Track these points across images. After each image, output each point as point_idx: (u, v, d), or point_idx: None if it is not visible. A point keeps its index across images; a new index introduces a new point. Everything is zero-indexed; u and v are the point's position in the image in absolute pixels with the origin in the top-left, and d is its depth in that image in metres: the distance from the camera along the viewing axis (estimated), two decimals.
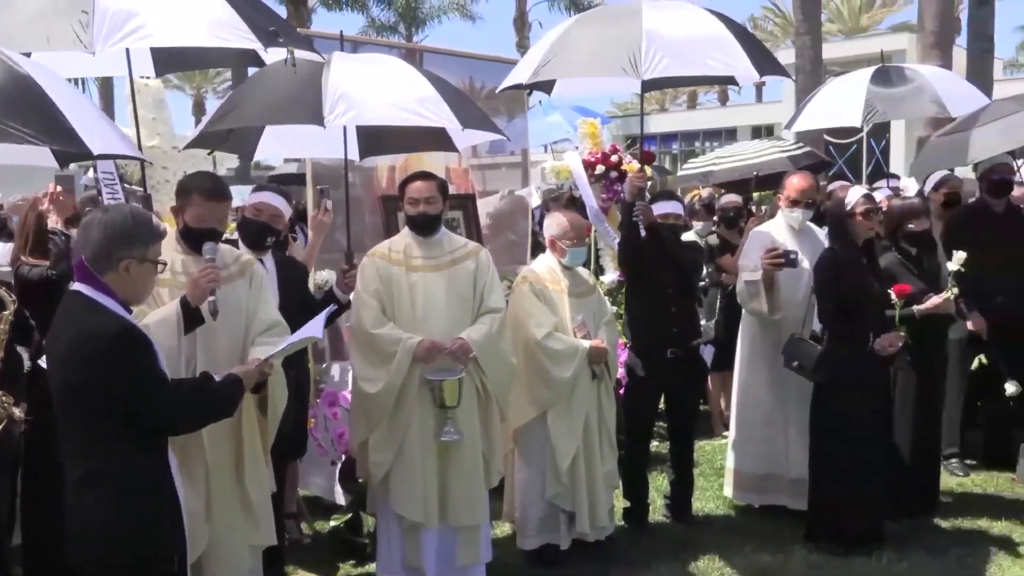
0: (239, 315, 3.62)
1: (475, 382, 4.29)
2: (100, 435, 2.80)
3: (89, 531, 2.82)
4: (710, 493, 5.82)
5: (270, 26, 4.31)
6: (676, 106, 48.20)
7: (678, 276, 5.19)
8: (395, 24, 29.24)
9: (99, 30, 3.90)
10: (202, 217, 3.57)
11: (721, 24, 5.06)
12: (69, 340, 2.79)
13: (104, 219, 2.87)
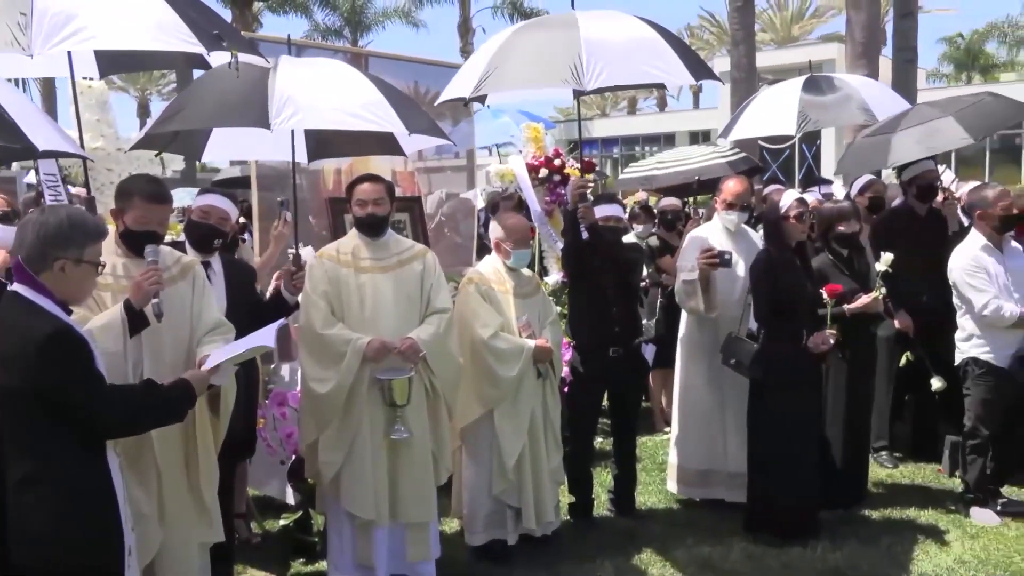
0: (183, 317, 3.58)
1: (424, 381, 4.30)
2: (37, 437, 2.76)
3: (28, 534, 2.78)
4: (653, 487, 5.90)
5: (213, 29, 4.25)
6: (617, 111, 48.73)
7: (618, 277, 5.25)
8: (340, 28, 29.06)
9: (38, 32, 3.80)
10: (143, 220, 3.52)
11: (654, 32, 5.13)
12: (5, 342, 2.75)
13: (39, 220, 2.84)
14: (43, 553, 2.77)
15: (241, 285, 4.42)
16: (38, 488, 2.76)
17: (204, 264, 4.25)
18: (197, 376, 3.14)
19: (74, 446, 2.78)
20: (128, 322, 3.29)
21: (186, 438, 3.52)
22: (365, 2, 29.16)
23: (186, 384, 3.08)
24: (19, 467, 2.78)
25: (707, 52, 38.79)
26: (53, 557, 2.77)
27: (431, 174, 7.58)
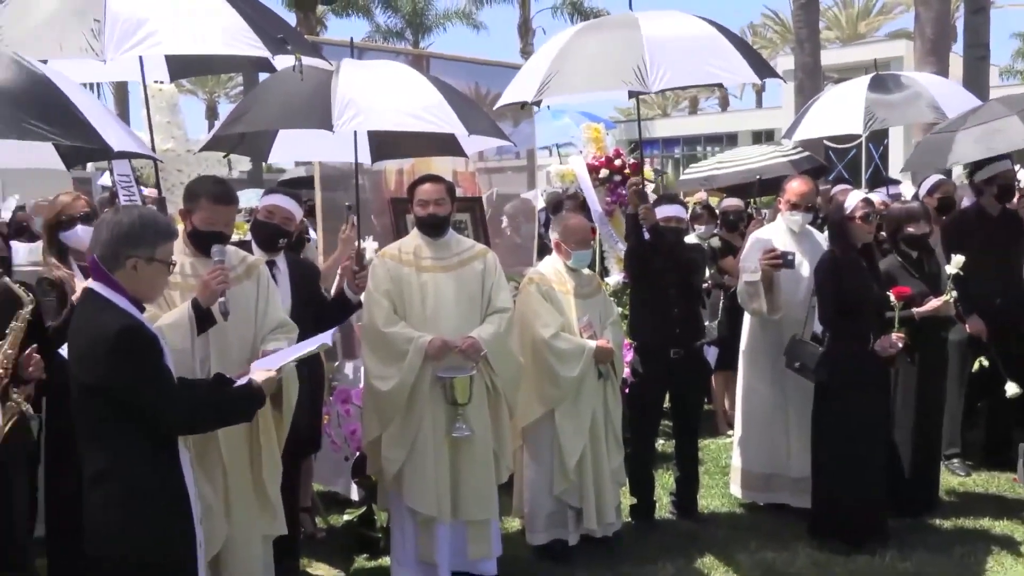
0: (249, 315, 3.65)
1: (485, 380, 4.31)
2: (109, 434, 2.82)
3: (100, 528, 2.85)
4: (715, 491, 5.82)
5: (278, 34, 4.32)
6: (678, 111, 48.26)
7: (680, 278, 5.20)
8: (401, 30, 29.29)
9: (110, 38, 3.90)
10: (210, 220, 3.59)
11: (716, 30, 5.07)
12: (79, 338, 2.83)
13: (113, 219, 2.91)
14: (115, 548, 2.83)
15: (305, 284, 4.48)
16: (110, 484, 2.82)
17: (270, 263, 4.32)
18: (267, 379, 3.15)
19: (144, 443, 2.84)
20: (196, 320, 3.36)
21: (251, 434, 3.57)
22: (426, 4, 29.38)
23: (256, 387, 3.10)
24: (92, 463, 2.85)
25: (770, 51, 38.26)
26: (125, 552, 2.83)
27: (492, 174, 7.59)
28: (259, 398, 3.11)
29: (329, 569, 4.74)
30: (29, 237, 6.83)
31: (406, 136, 4.86)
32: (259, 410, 3.45)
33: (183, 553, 2.93)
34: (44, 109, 2.95)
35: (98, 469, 2.83)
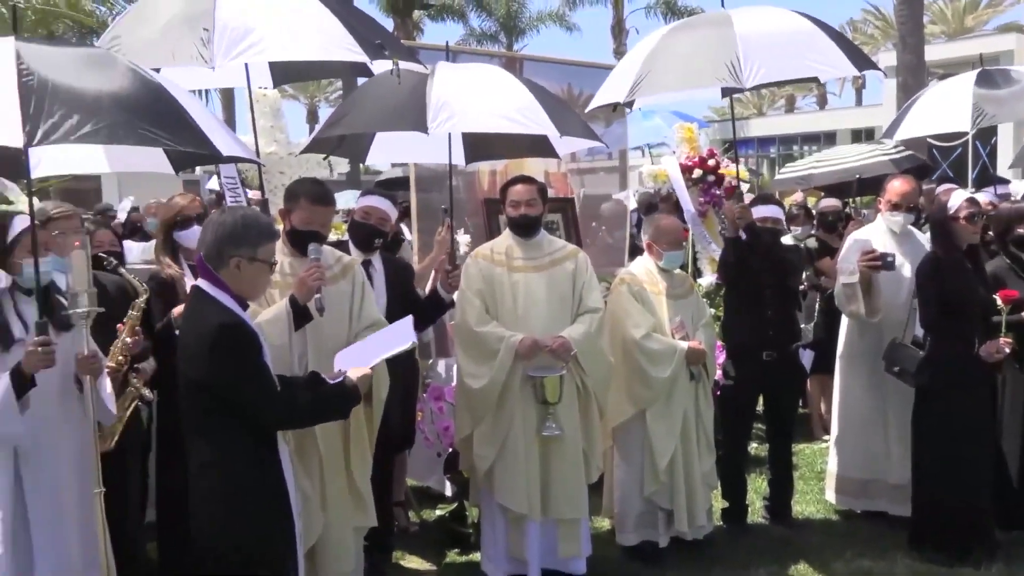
0: (343, 313, 3.75)
1: (575, 379, 4.31)
2: (212, 427, 2.92)
3: (204, 519, 2.96)
4: (810, 496, 5.68)
5: (376, 39, 4.40)
6: (774, 110, 47.21)
7: (776, 279, 5.10)
8: (495, 33, 29.45)
9: (219, 46, 4.05)
10: (308, 220, 3.70)
11: (812, 24, 4.95)
12: (186, 334, 2.96)
13: (217, 220, 3.02)
14: (218, 538, 2.94)
15: (400, 283, 4.56)
16: (213, 477, 2.92)
17: (366, 263, 4.43)
18: (362, 376, 3.21)
19: (245, 438, 2.93)
20: (293, 317, 3.45)
21: (344, 427, 3.67)
22: (520, 7, 29.48)
23: (352, 384, 3.16)
24: (198, 455, 2.96)
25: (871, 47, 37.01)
26: (227, 543, 2.93)
27: (583, 175, 7.57)
28: (354, 396, 3.18)
29: (421, 562, 4.82)
30: (142, 236, 7.16)
31: (499, 138, 4.90)
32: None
33: (281, 545, 3.02)
34: (159, 116, 3.08)
35: (203, 462, 2.94)
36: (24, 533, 3.27)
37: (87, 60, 3.19)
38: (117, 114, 2.96)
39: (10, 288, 3.34)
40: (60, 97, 2.87)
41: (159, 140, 3.11)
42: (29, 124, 2.76)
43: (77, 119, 2.83)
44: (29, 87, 2.84)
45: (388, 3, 24.68)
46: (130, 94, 3.06)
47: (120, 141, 3.06)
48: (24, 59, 2.92)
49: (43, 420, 3.27)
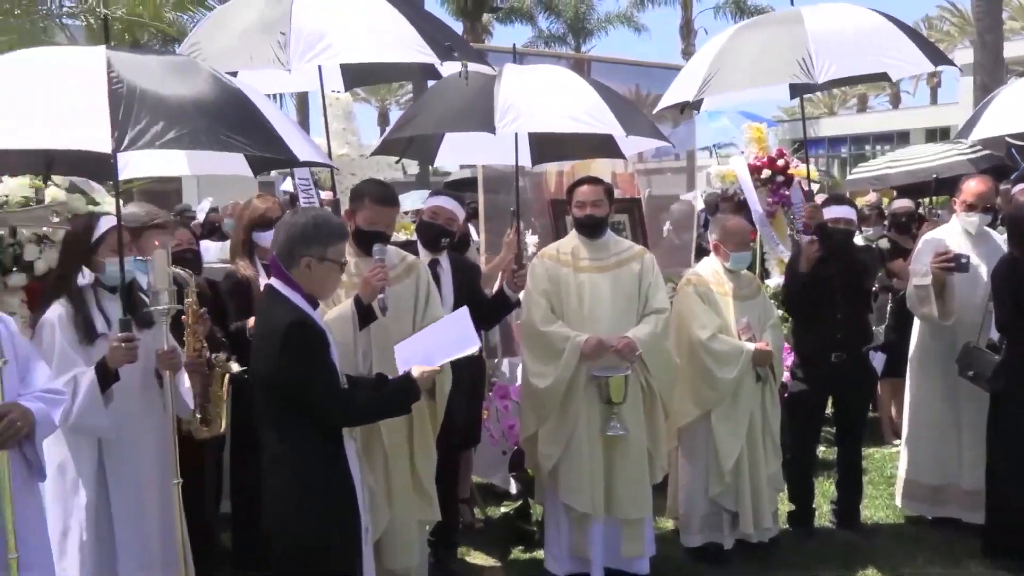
0: (407, 312, 3.79)
1: (640, 380, 4.28)
2: (283, 423, 2.98)
3: (275, 512, 3.02)
4: (879, 502, 5.55)
5: (446, 41, 4.44)
6: (845, 109, 46.12)
7: (847, 280, 4.99)
8: (564, 35, 29.42)
9: (295, 49, 4.13)
10: (372, 220, 3.74)
11: (884, 19, 4.84)
12: (258, 331, 3.04)
13: (289, 221, 3.08)
14: (288, 531, 3.00)
15: (467, 283, 4.59)
16: (284, 471, 2.99)
17: (433, 262, 4.47)
18: (424, 373, 3.22)
19: (314, 434, 2.98)
20: (357, 316, 3.50)
21: (408, 422, 3.71)
22: (588, 8, 29.41)
23: (411, 381, 3.18)
24: (269, 450, 3.02)
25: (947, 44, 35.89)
26: (296, 536, 2.99)
27: (651, 176, 7.52)
28: (415, 392, 3.19)
29: (486, 558, 4.84)
30: (220, 237, 7.35)
31: (566, 139, 4.90)
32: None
33: (349, 539, 3.07)
34: (239, 122, 3.15)
35: (274, 456, 3.01)
36: (107, 521, 3.39)
37: (172, 67, 3.28)
38: (199, 120, 3.04)
39: (93, 285, 3.46)
40: (147, 104, 2.95)
41: (239, 145, 3.18)
42: (117, 130, 2.84)
43: (162, 125, 2.90)
44: (118, 94, 2.92)
45: (458, 7, 24.87)
46: (212, 100, 3.14)
47: (202, 146, 3.14)
48: (114, 67, 3.01)
49: (125, 413, 3.38)
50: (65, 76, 3.05)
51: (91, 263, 3.46)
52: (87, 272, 3.46)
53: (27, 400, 2.81)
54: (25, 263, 4.06)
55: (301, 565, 3.01)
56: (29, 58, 3.26)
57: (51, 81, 3.03)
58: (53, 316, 3.36)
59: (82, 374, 3.24)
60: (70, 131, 2.90)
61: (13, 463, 2.75)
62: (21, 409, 2.74)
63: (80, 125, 2.88)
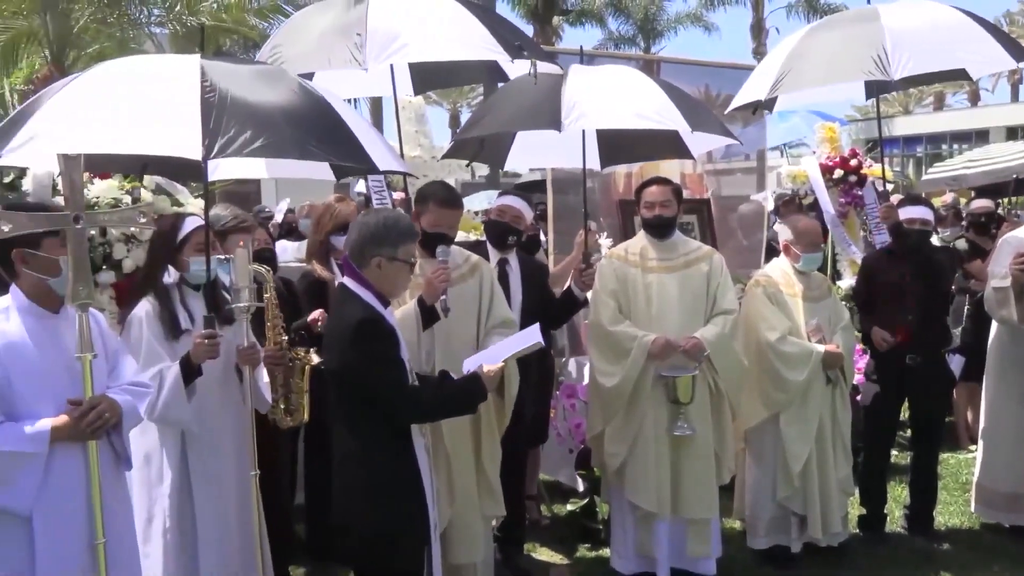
0: (471, 311, 3.80)
1: (708, 380, 4.23)
2: (356, 419, 3.03)
3: (346, 504, 3.07)
4: (954, 508, 5.38)
5: (516, 41, 4.45)
6: (921, 108, 44.73)
7: (922, 281, 4.85)
8: (633, 36, 29.20)
9: (371, 49, 4.21)
10: (437, 223, 3.76)
11: (963, 15, 4.69)
12: (332, 328, 3.08)
13: (362, 221, 3.13)
14: (357, 523, 3.05)
15: (535, 282, 4.59)
16: (355, 465, 3.03)
17: (502, 261, 4.49)
18: (491, 372, 3.23)
19: (384, 430, 3.03)
20: (421, 316, 3.53)
21: (476, 420, 3.75)
22: (658, 9, 29.13)
23: (478, 381, 3.19)
24: (341, 444, 3.08)
25: None
26: (365, 528, 3.04)
27: (720, 176, 7.40)
28: (482, 392, 3.20)
29: (552, 554, 4.84)
30: (296, 237, 7.49)
31: (634, 140, 4.86)
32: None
33: (417, 532, 3.10)
34: (324, 131, 3.20)
35: (345, 451, 3.06)
36: (189, 509, 3.48)
37: (261, 76, 3.35)
38: (286, 129, 3.09)
39: (177, 283, 3.57)
40: (236, 113, 3.01)
41: (324, 155, 3.25)
42: (208, 138, 2.91)
43: (250, 134, 2.96)
44: (210, 103, 2.99)
45: (528, 10, 24.89)
46: (298, 109, 3.19)
47: (288, 155, 3.20)
48: (207, 76, 3.08)
49: (206, 407, 3.47)
50: (161, 84, 3.12)
51: (176, 262, 3.55)
52: (172, 270, 3.56)
53: (115, 393, 2.92)
54: (114, 261, 4.21)
55: (370, 557, 3.06)
56: (127, 66, 3.35)
57: (148, 89, 3.11)
58: (141, 312, 3.47)
59: (167, 368, 3.34)
60: (164, 138, 2.99)
61: (102, 453, 2.86)
62: (109, 401, 2.84)
63: (173, 132, 2.96)
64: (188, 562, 3.48)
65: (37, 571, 2.73)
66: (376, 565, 3.07)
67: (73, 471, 2.79)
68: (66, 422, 2.75)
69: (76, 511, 2.80)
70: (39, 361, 2.78)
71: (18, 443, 2.69)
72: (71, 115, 3.04)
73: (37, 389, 2.77)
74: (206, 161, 3.00)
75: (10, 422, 2.71)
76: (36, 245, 2.80)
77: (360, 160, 3.29)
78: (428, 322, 3.57)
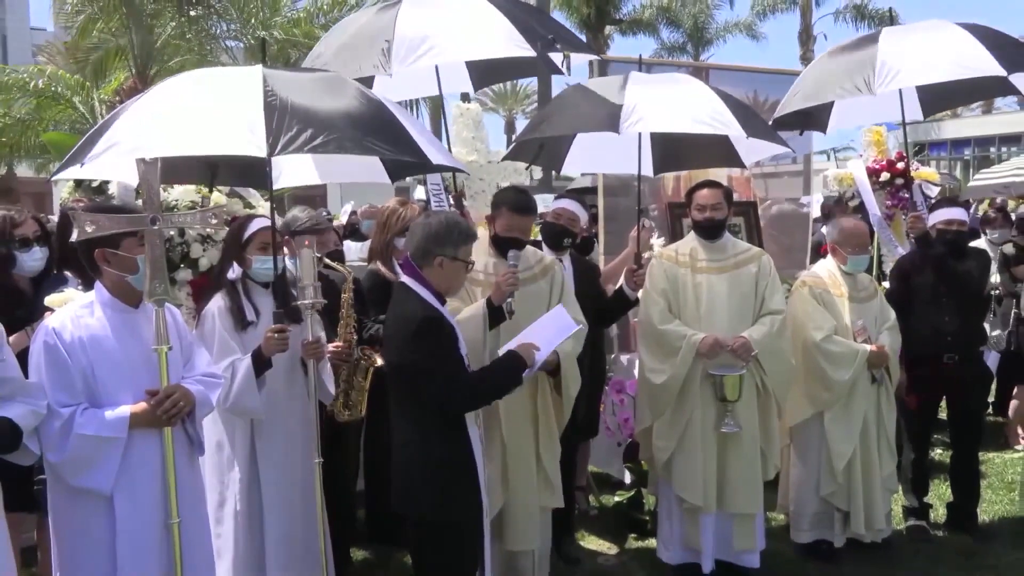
0: (540, 311, 3.74)
1: (755, 379, 4.16)
2: (414, 408, 3.04)
3: (404, 490, 3.09)
4: (999, 507, 5.21)
5: (549, 34, 4.40)
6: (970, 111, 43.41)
7: (954, 286, 4.72)
8: (683, 44, 28.92)
9: (397, 54, 4.22)
10: (509, 227, 3.76)
11: (964, 31, 4.65)
12: (390, 324, 3.09)
13: (425, 222, 3.14)
14: (415, 508, 3.08)
15: (587, 281, 4.56)
16: (412, 452, 3.05)
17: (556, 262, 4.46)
18: (524, 348, 3.19)
19: (440, 418, 3.04)
20: (488, 316, 3.53)
21: (534, 417, 3.76)
22: (707, 18, 28.80)
23: (514, 354, 3.16)
24: (400, 432, 3.10)
25: None
26: (423, 512, 3.07)
27: (767, 179, 7.27)
28: (520, 363, 3.14)
29: (600, 543, 4.81)
30: (359, 237, 7.56)
31: (688, 148, 4.82)
32: (541, 397, 3.60)
33: (469, 516, 3.11)
34: (380, 129, 3.25)
35: (403, 439, 3.08)
36: (257, 494, 3.54)
37: (321, 82, 3.42)
38: (345, 128, 3.14)
39: (241, 279, 3.62)
40: (297, 114, 3.08)
41: (379, 150, 3.29)
42: (271, 137, 2.98)
43: (311, 132, 3.03)
44: (272, 106, 3.07)
45: (581, 19, 24.81)
46: (355, 109, 3.25)
47: (346, 151, 3.24)
48: (269, 83, 3.17)
49: (274, 397, 3.53)
50: (226, 92, 3.23)
51: (241, 259, 3.62)
52: (236, 267, 3.62)
53: (189, 383, 2.98)
54: (191, 260, 4.30)
55: (427, 539, 3.08)
56: (195, 77, 3.46)
57: (215, 97, 3.23)
58: (213, 307, 3.54)
59: (239, 361, 3.40)
60: (231, 139, 3.07)
61: (176, 439, 2.92)
62: (184, 390, 2.90)
63: (239, 133, 3.04)
64: (256, 542, 3.54)
65: (118, 546, 2.82)
66: (433, 547, 3.08)
67: (150, 455, 2.86)
68: (144, 409, 2.82)
69: (153, 492, 2.87)
70: (120, 353, 2.86)
71: (101, 428, 2.77)
72: (145, 123, 3.15)
73: (117, 379, 2.84)
74: (270, 158, 3.06)
75: (93, 409, 2.79)
76: (116, 245, 2.88)
77: (415, 156, 3.32)
78: (494, 322, 3.56)
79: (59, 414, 2.74)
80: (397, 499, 3.12)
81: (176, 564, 2.87)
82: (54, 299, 3.37)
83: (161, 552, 2.87)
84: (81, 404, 2.78)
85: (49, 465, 2.81)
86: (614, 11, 26.33)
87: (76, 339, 2.80)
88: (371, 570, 4.48)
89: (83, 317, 2.86)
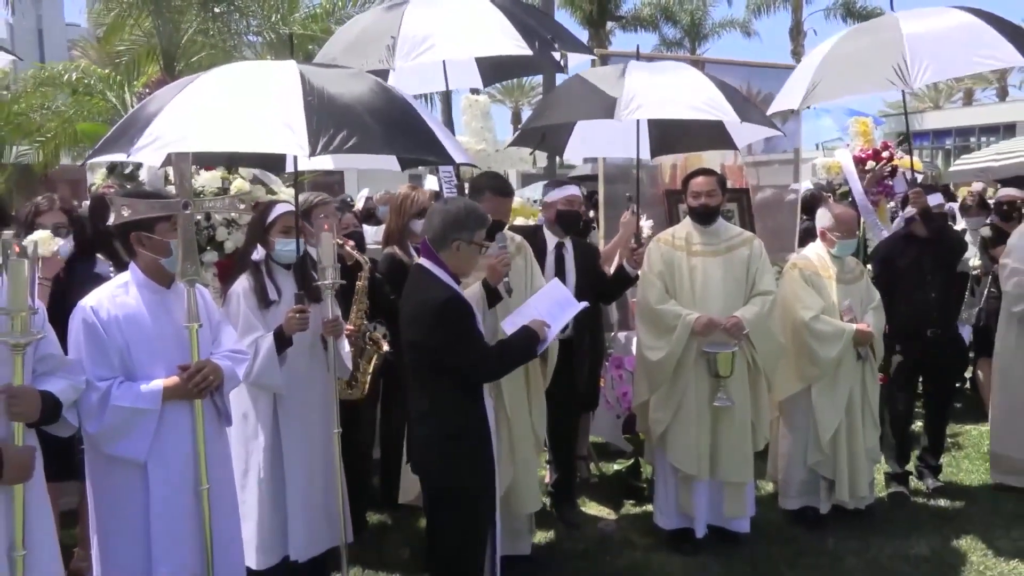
0: (519, 284, 3.79)
1: (746, 356, 4.16)
2: (431, 382, 3.06)
3: (421, 458, 3.12)
4: (975, 476, 5.22)
5: (548, 34, 4.36)
6: (951, 103, 43.09)
7: (939, 263, 4.76)
8: (680, 40, 28.72)
9: (400, 51, 4.18)
10: (493, 210, 3.71)
11: (976, 18, 4.49)
12: (411, 305, 3.08)
13: (443, 208, 3.13)
14: (432, 475, 3.12)
15: (588, 262, 4.57)
16: (429, 423, 3.07)
17: (559, 245, 4.47)
18: (536, 324, 3.21)
19: (456, 391, 3.05)
20: (487, 296, 3.53)
21: (527, 385, 3.79)
22: (703, 15, 28.58)
23: (529, 328, 3.18)
24: (417, 404, 3.11)
25: None
26: (439, 478, 3.10)
27: (759, 167, 7.24)
28: (536, 336, 3.17)
29: (600, 508, 4.84)
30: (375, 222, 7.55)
31: (683, 132, 4.78)
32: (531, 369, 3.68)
33: (484, 483, 3.14)
34: (408, 129, 3.20)
35: (421, 411, 3.09)
36: (279, 461, 3.57)
37: (348, 79, 3.33)
38: (376, 128, 3.08)
39: (264, 260, 3.63)
40: (335, 114, 3.01)
41: (410, 150, 3.27)
42: (311, 138, 2.91)
43: (347, 132, 2.97)
44: (311, 105, 2.99)
45: (583, 16, 24.64)
46: (383, 108, 3.17)
47: (379, 151, 3.21)
48: (306, 80, 3.08)
49: (296, 372, 3.54)
50: (267, 89, 3.10)
51: (264, 242, 3.62)
52: (260, 249, 3.63)
53: (217, 358, 2.99)
54: (217, 243, 4.31)
55: (443, 505, 3.10)
56: (233, 73, 3.30)
57: (256, 93, 3.10)
58: (239, 288, 3.55)
59: (262, 338, 3.41)
60: (273, 138, 2.98)
61: (206, 410, 2.94)
62: (213, 365, 2.92)
63: (281, 132, 2.95)
64: (279, 507, 3.57)
65: (151, 511, 2.84)
66: (448, 513, 3.10)
67: (181, 425, 2.89)
68: (176, 383, 2.84)
69: (184, 460, 2.89)
70: (153, 329, 2.87)
71: (136, 400, 2.79)
72: (188, 118, 3.01)
73: (151, 354, 2.86)
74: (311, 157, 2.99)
75: (128, 382, 2.81)
76: (151, 228, 2.88)
77: (438, 154, 3.29)
78: (492, 302, 3.57)
79: (97, 387, 2.76)
80: (416, 467, 3.14)
81: (205, 527, 2.90)
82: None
83: (191, 516, 2.90)
84: (117, 378, 2.80)
85: (87, 435, 2.83)
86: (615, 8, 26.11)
87: (112, 317, 2.82)
88: (385, 532, 4.52)
89: (119, 296, 2.87)
